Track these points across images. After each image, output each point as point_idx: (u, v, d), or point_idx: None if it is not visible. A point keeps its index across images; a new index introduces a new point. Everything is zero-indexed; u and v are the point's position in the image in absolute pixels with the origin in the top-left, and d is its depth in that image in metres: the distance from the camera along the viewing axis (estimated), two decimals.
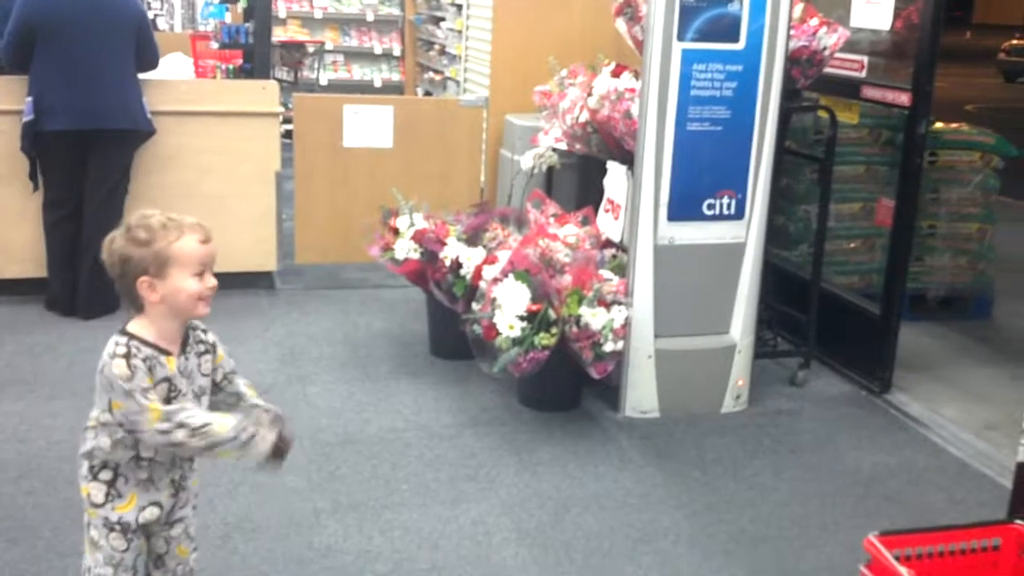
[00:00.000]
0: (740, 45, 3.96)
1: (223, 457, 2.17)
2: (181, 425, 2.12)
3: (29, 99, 4.79)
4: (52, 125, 4.78)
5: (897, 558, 2.52)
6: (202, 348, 2.33)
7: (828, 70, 4.55)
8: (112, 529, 2.26)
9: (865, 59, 4.70)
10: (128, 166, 5.09)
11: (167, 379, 2.21)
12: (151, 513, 2.29)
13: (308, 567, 3.01)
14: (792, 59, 4.28)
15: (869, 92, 4.62)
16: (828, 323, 4.67)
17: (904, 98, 4.36)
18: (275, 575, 2.96)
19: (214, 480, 3.46)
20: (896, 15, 4.50)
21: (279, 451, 2.24)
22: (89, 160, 4.92)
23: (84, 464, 2.26)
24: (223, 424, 2.16)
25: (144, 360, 2.15)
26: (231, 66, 7.02)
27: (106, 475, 2.24)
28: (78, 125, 4.80)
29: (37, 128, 4.79)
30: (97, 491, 2.24)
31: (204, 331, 2.36)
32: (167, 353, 2.22)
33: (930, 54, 4.26)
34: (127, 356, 2.14)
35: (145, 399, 2.12)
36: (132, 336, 2.19)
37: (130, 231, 2.19)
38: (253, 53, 6.71)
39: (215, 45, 7.30)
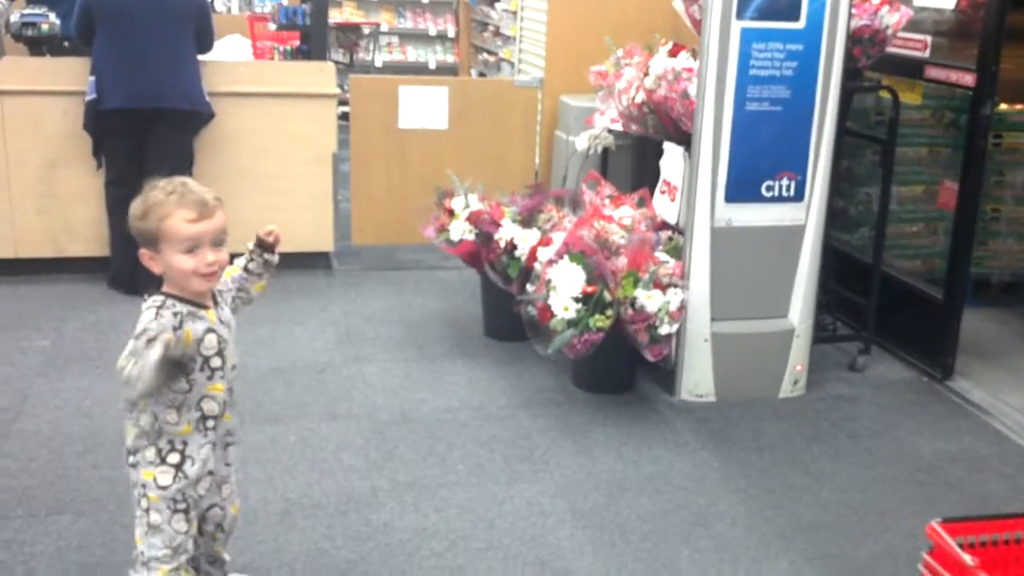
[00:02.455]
0: (800, 24, 3.89)
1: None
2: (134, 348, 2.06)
3: (91, 79, 4.90)
4: (112, 103, 4.87)
5: (960, 545, 2.49)
6: (227, 294, 2.41)
7: (890, 50, 4.46)
8: (177, 510, 2.28)
9: (929, 39, 4.59)
10: (190, 148, 5.17)
11: (211, 330, 2.26)
12: (205, 484, 2.34)
13: (365, 544, 3.04)
14: (853, 38, 4.20)
15: (933, 72, 4.52)
16: (889, 308, 4.60)
17: (968, 79, 4.26)
18: (333, 551, 2.99)
19: (274, 457, 3.51)
20: None
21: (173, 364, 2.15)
22: (149, 140, 5.00)
23: (149, 449, 2.27)
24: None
25: (176, 315, 2.16)
26: (288, 47, 7.09)
27: (174, 457, 2.27)
28: (136, 104, 4.88)
29: (98, 107, 4.89)
30: (164, 474, 2.27)
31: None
32: (204, 307, 2.27)
33: (996, 33, 4.15)
34: (159, 307, 2.17)
35: (151, 349, 2.04)
36: (168, 294, 2.23)
37: (135, 204, 2.25)
38: (310, 35, 6.77)
39: (272, 27, 7.37)
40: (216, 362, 2.29)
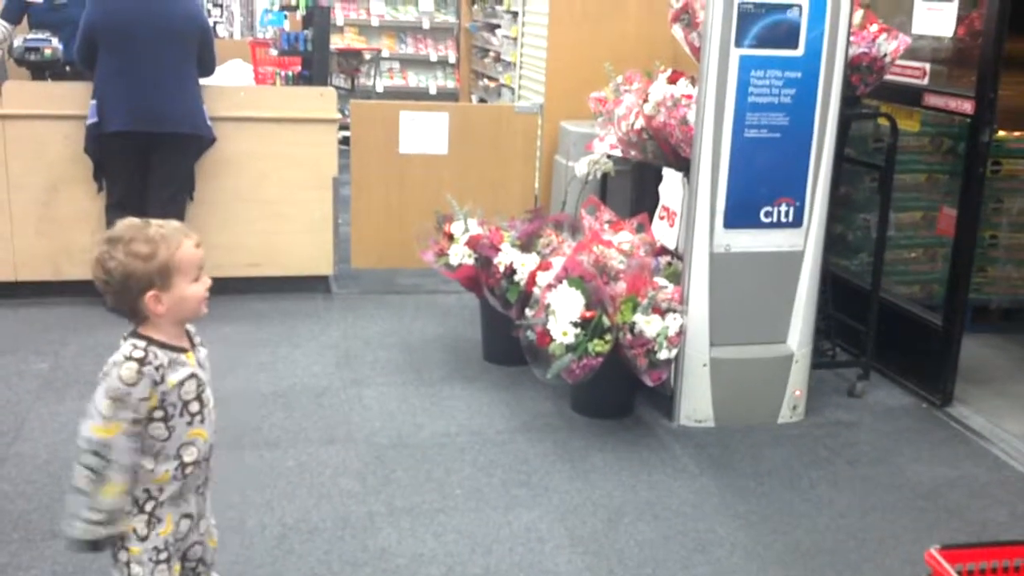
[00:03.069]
0: (799, 51, 3.92)
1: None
2: (94, 466, 2.09)
3: (93, 102, 4.92)
4: (113, 127, 4.89)
5: (959, 573, 2.47)
6: (198, 339, 2.34)
7: (889, 77, 4.49)
8: (159, 561, 2.23)
9: (927, 66, 4.62)
10: (191, 172, 5.19)
11: (193, 375, 2.22)
12: (184, 526, 2.29)
13: (362, 569, 3.03)
14: (852, 66, 4.23)
15: (931, 100, 4.54)
16: (888, 333, 4.60)
17: (967, 106, 4.28)
18: None
19: (272, 482, 3.51)
20: (959, 21, 4.41)
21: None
22: (151, 164, 5.02)
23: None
24: (104, 501, 2.11)
25: (158, 368, 2.13)
26: (290, 73, 7.14)
27: (149, 505, 2.22)
28: (138, 127, 4.90)
29: (100, 130, 4.91)
30: (141, 523, 2.21)
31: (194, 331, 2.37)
32: (184, 350, 2.23)
33: (994, 61, 4.18)
34: (141, 361, 2.12)
35: (120, 412, 2.09)
36: (150, 340, 2.17)
37: (129, 245, 2.13)
38: (311, 60, 6.82)
39: (274, 52, 7.42)
40: (195, 407, 2.23)
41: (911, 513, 3.53)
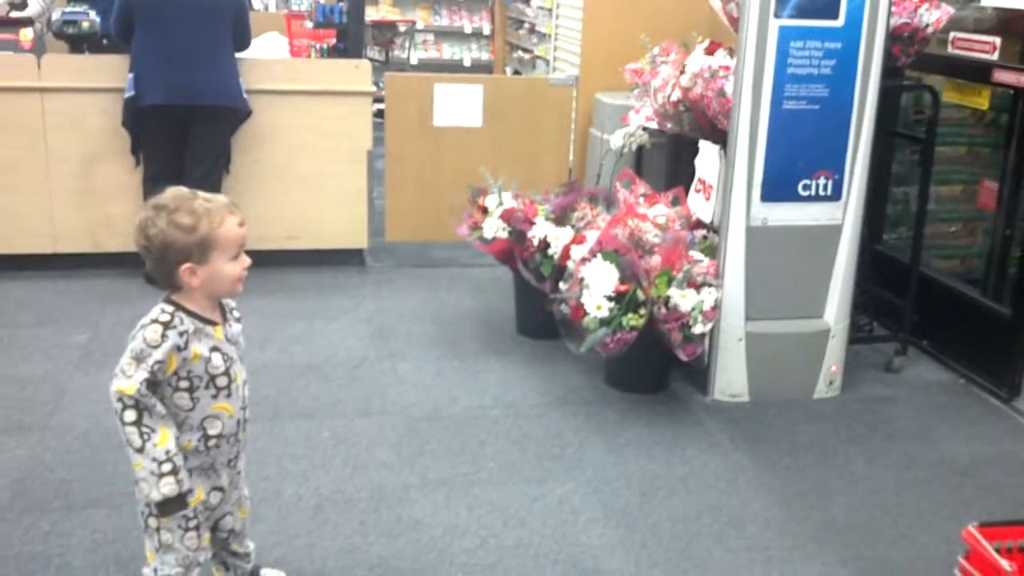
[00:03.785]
0: (839, 22, 3.86)
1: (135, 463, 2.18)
2: (135, 419, 2.12)
3: (130, 76, 4.96)
4: (150, 100, 4.92)
5: (997, 550, 2.45)
6: (237, 315, 2.36)
7: (955, 51, 4.34)
8: (188, 528, 2.27)
9: (998, 41, 4.33)
10: (227, 145, 5.22)
11: (216, 348, 2.23)
12: (215, 498, 2.33)
13: (396, 540, 3.05)
14: (893, 36, 4.16)
15: (1002, 76, 4.24)
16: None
17: None
18: (365, 546, 3.01)
19: (308, 452, 3.54)
20: None
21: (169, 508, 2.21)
22: (188, 137, 5.05)
23: None
24: (159, 450, 2.14)
25: (182, 334, 2.16)
26: (325, 45, 7.11)
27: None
28: (174, 100, 4.93)
29: (137, 104, 4.95)
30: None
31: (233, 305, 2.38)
32: (213, 323, 2.24)
33: None
34: (166, 325, 2.15)
35: (139, 371, 2.12)
36: (179, 307, 2.19)
37: (172, 215, 2.15)
38: (347, 32, 6.79)
39: (309, 24, 7.40)
40: (222, 381, 2.25)
41: (947, 490, 3.50)
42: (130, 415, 2.14)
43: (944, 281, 4.73)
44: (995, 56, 4.35)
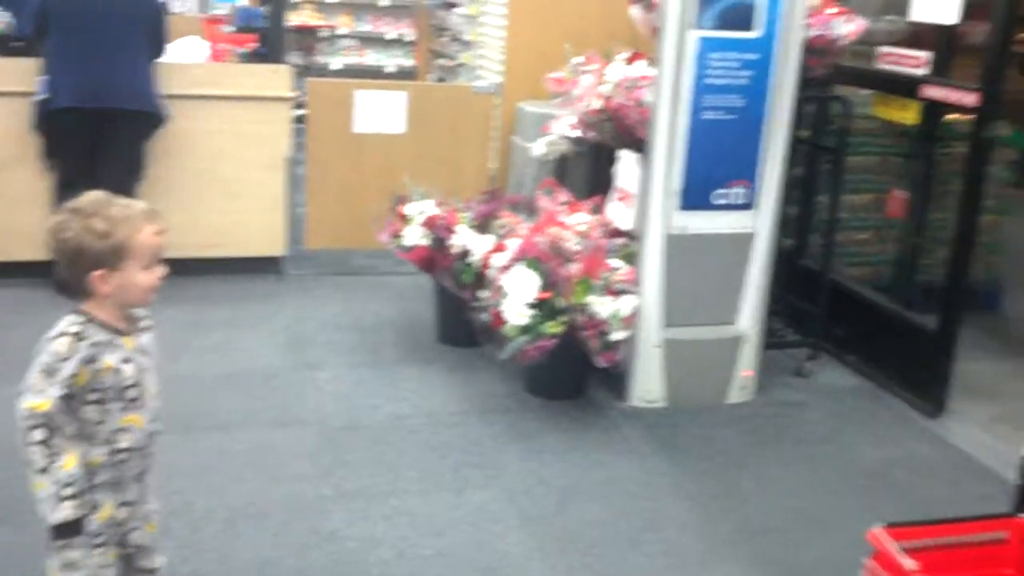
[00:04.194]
0: (756, 33, 3.93)
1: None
2: (43, 438, 2.07)
3: (43, 78, 4.84)
4: (63, 102, 4.81)
5: (902, 550, 2.52)
6: (147, 324, 2.30)
7: (882, 66, 4.40)
8: (95, 546, 2.20)
9: (926, 55, 4.33)
10: (142, 151, 5.11)
11: (128, 358, 2.18)
12: (123, 513, 2.27)
13: (312, 552, 3.02)
14: (808, 48, 4.25)
15: (930, 91, 4.27)
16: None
17: (971, 98, 4.01)
18: (279, 560, 2.97)
19: (221, 465, 3.48)
20: (965, 8, 4.12)
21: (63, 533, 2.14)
22: (101, 142, 4.94)
23: None
24: (64, 473, 2.08)
25: (93, 346, 2.11)
26: (245, 50, 7.03)
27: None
28: (87, 103, 4.82)
29: (49, 106, 4.83)
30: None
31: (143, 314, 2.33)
32: (123, 333, 2.19)
33: (1001, 50, 3.90)
34: (76, 336, 2.10)
35: (51, 386, 2.07)
36: (90, 317, 2.14)
37: (88, 219, 2.09)
38: (267, 37, 6.72)
39: (229, 29, 7.31)
40: (132, 393, 2.19)
41: (857, 491, 3.59)
42: (39, 434, 2.08)
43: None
44: (923, 71, 4.35)
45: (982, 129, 4.04)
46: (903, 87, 4.46)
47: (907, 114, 4.52)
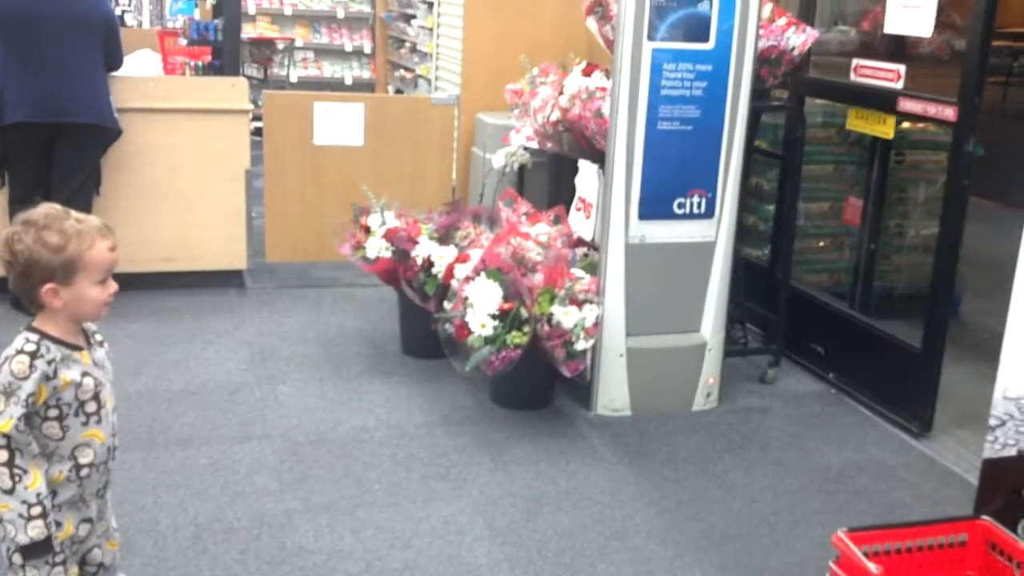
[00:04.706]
0: (710, 45, 3.98)
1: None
2: (6, 459, 2.04)
3: None
4: (15, 117, 4.74)
5: (866, 554, 2.56)
6: (100, 339, 2.28)
7: (858, 79, 4.40)
8: (55, 564, 2.16)
9: (902, 69, 4.25)
10: (96, 165, 5.05)
11: (87, 372, 2.16)
12: (84, 530, 2.24)
13: (279, 568, 2.99)
14: (761, 59, 4.31)
15: (907, 105, 4.18)
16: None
17: (949, 112, 3.94)
18: None
19: (185, 481, 3.44)
20: (939, 22, 4.07)
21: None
22: (55, 156, 4.88)
23: None
24: (31, 492, 2.06)
25: (50, 363, 2.08)
26: (200, 63, 6.98)
27: (44, 508, 2.12)
28: (40, 118, 4.76)
29: (1, 122, 4.75)
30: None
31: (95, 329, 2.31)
32: (79, 348, 2.17)
33: (980, 64, 3.84)
34: (33, 355, 2.07)
35: (11, 406, 2.03)
36: (44, 335, 2.11)
37: (41, 232, 2.08)
38: (222, 50, 6.67)
39: (184, 42, 7.25)
40: (92, 407, 2.17)
41: (821, 496, 3.63)
42: (2, 455, 2.05)
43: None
44: (900, 84, 4.27)
45: (961, 142, 3.92)
46: (880, 101, 4.36)
47: (885, 128, 4.46)
